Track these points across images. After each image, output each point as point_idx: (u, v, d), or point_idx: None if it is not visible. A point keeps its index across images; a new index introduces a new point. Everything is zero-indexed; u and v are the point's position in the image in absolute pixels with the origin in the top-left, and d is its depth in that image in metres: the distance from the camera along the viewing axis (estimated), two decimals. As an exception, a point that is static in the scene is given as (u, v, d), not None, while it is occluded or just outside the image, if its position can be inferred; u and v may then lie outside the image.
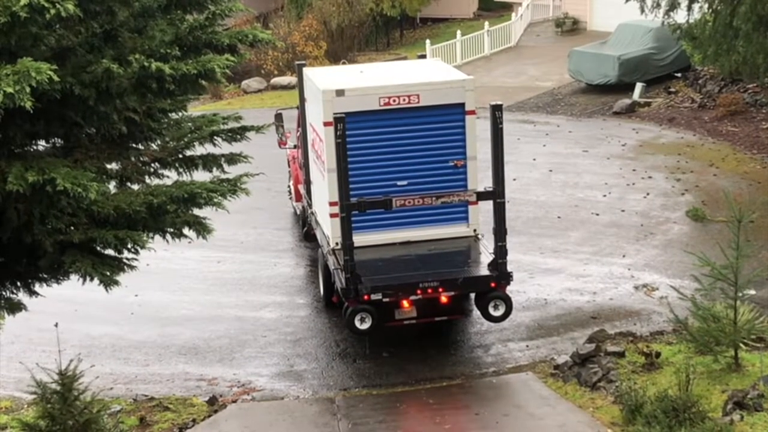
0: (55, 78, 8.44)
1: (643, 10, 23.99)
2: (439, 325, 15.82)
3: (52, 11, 8.43)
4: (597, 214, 20.55)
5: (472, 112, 15.41)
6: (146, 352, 15.74)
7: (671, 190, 21.68)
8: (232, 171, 12.19)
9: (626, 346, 14.42)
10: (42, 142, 10.75)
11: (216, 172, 12.07)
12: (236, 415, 13.62)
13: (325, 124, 14.91)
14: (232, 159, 12.76)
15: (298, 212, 20.52)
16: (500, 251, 14.18)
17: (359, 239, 14.38)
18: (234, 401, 14.04)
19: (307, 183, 18.25)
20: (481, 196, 14.46)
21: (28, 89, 8.17)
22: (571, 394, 13.53)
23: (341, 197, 13.78)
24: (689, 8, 23.16)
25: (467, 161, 15.47)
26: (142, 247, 10.63)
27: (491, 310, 14.39)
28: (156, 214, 10.85)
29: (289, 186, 21.83)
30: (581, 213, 20.73)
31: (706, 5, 22.64)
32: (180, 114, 12.22)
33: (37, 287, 11.57)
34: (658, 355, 14.02)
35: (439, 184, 15.15)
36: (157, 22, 10.58)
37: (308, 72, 17.37)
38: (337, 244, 14.93)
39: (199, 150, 12.15)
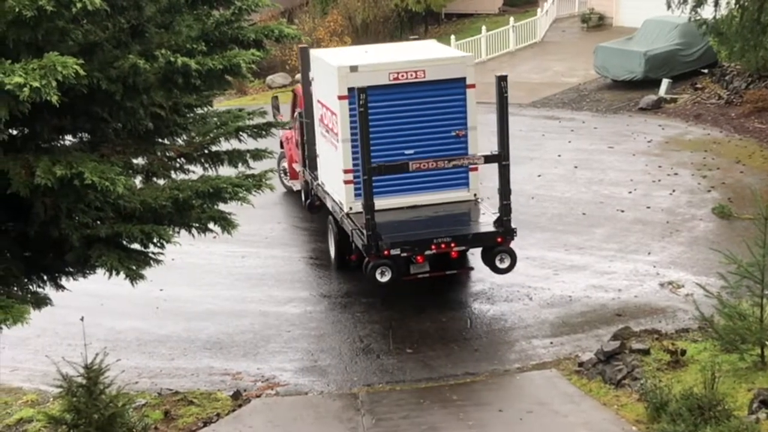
0: (81, 72, 8.46)
1: (669, 6, 23.84)
2: (465, 320, 15.85)
3: (78, 5, 8.46)
4: (622, 211, 20.45)
5: (472, 86, 16.66)
6: (171, 346, 15.79)
7: (697, 187, 21.54)
8: (257, 166, 12.23)
9: (651, 343, 14.33)
10: (69, 137, 10.80)
11: (241, 168, 12.11)
12: (260, 410, 13.65)
13: (340, 97, 16.20)
14: (257, 154, 12.80)
15: (295, 189, 21.89)
16: (505, 209, 15.58)
17: None
18: (258, 396, 14.07)
19: (312, 158, 19.25)
20: (488, 159, 15.68)
21: (54, 83, 8.20)
22: (595, 392, 13.48)
23: (364, 162, 14.94)
24: (716, 4, 23.00)
25: (468, 131, 16.67)
26: (168, 242, 10.67)
27: (498, 263, 15.79)
28: (182, 208, 10.90)
29: (283, 166, 22.60)
30: (606, 210, 20.64)
31: (733, 1, 22.47)
32: (205, 109, 12.27)
33: (63, 281, 11.64)
34: (683, 352, 13.94)
35: (442, 153, 16.26)
36: (184, 17, 10.61)
37: (316, 53, 18.53)
38: (350, 208, 16.53)
39: (224, 145, 12.18)
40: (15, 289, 10.86)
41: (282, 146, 22.53)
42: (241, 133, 12.18)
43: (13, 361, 15.47)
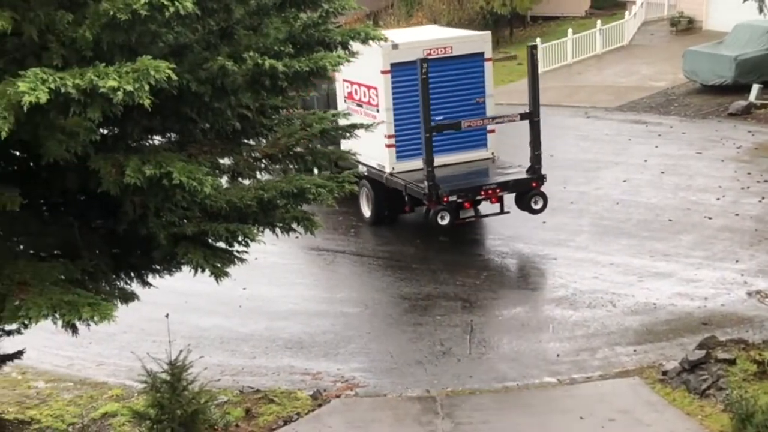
0: (173, 76, 8.58)
1: (761, 10, 23.46)
2: (547, 326, 15.73)
3: (171, 9, 8.57)
4: (710, 218, 20.09)
5: (490, 59, 19.77)
6: (253, 344, 15.96)
7: (788, 195, 21.08)
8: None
9: (738, 353, 14.04)
10: (157, 137, 10.98)
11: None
12: (339, 410, 13.72)
13: (383, 72, 18.95)
14: (341, 156, 12.87)
15: None
16: (537, 158, 18.68)
17: (406, 165, 19.09)
18: (337, 396, 14.14)
19: None
20: (523, 116, 18.64)
21: (146, 87, 8.32)
22: (679, 401, 13.26)
23: (425, 122, 17.60)
24: (810, 8, 22.51)
25: (486, 98, 19.59)
26: (253, 240, 10.79)
27: (533, 205, 18.84)
28: (266, 208, 11.01)
29: None
30: (693, 216, 20.29)
31: (829, 4, 21.97)
32: (291, 111, 12.36)
33: (149, 278, 11.83)
34: (771, 363, 13.65)
35: (466, 117, 18.79)
36: (272, 19, 10.71)
37: None
38: (393, 168, 19.31)
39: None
40: (103, 284, 11.08)
41: None
42: (325, 134, 12.26)
43: (100, 357, 15.80)
